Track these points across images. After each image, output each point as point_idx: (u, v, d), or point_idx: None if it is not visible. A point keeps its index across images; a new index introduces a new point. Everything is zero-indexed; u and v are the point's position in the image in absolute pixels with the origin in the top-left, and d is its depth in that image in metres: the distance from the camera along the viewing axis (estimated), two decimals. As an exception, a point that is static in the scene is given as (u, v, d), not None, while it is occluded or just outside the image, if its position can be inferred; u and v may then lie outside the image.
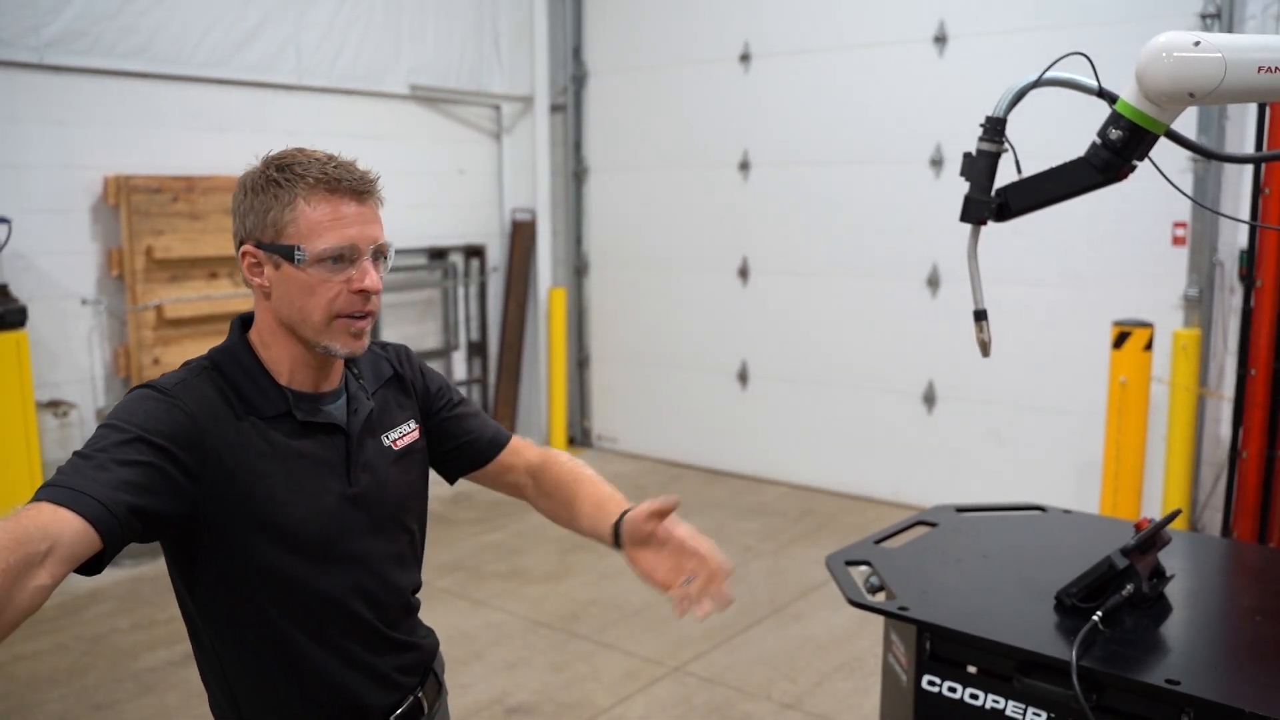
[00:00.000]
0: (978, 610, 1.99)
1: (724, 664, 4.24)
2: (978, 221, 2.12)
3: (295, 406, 1.60)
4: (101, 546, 1.31)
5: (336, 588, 1.62)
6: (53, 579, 1.24)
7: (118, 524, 1.32)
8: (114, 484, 1.34)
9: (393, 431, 1.74)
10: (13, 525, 1.22)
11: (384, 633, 1.70)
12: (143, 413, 1.45)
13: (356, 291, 1.55)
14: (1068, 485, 5.65)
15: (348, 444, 1.65)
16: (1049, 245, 5.54)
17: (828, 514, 6.20)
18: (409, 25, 6.87)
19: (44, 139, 5.19)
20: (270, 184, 1.55)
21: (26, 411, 4.75)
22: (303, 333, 1.57)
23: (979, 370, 5.92)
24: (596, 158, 7.62)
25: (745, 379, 7.03)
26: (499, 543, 5.68)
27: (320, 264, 1.53)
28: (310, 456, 1.60)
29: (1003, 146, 2.10)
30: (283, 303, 1.57)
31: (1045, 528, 2.51)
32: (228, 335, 1.65)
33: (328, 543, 1.60)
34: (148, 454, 1.40)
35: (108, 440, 1.40)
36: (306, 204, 1.53)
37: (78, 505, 1.29)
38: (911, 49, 6.06)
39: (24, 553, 1.20)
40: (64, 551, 1.26)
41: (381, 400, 1.75)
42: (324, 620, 1.62)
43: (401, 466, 1.74)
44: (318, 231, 1.52)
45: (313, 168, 1.54)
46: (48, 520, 1.26)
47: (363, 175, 1.57)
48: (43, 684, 4.08)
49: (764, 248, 6.82)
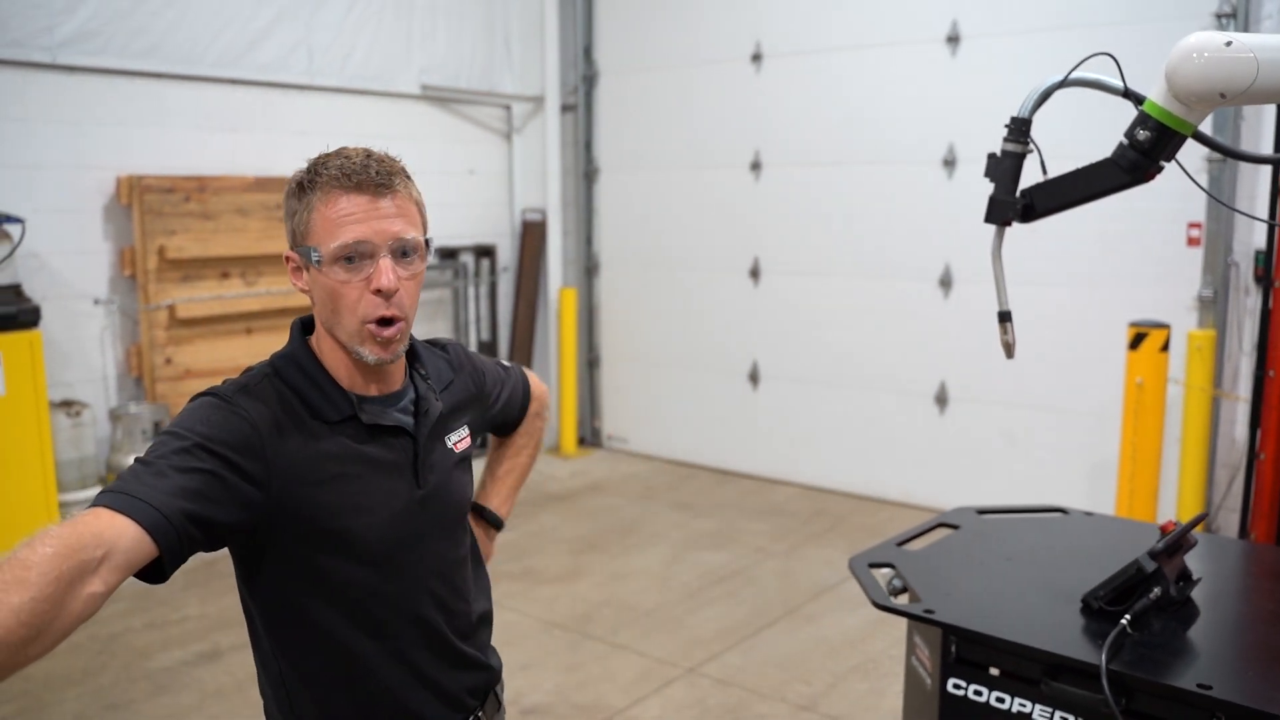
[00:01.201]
0: (1003, 613, 1.98)
1: (738, 665, 4.23)
2: (1002, 223, 2.11)
3: (360, 410, 1.57)
4: (158, 554, 1.30)
5: (407, 592, 1.60)
6: (106, 586, 1.22)
7: (174, 532, 1.31)
8: (172, 491, 1.33)
9: (453, 435, 1.73)
10: (68, 531, 1.21)
11: (455, 644, 1.67)
12: (203, 420, 1.43)
13: (374, 292, 1.49)
14: (1081, 486, 5.63)
15: (415, 446, 1.62)
16: (1062, 245, 5.52)
17: (839, 515, 6.18)
18: (420, 25, 6.87)
19: (57, 139, 5.20)
20: (299, 186, 1.53)
21: (40, 411, 4.76)
22: (339, 337, 1.55)
23: (992, 371, 5.91)
24: (607, 158, 7.62)
25: (756, 379, 7.01)
26: (510, 543, 5.67)
27: (336, 264, 1.48)
28: (377, 461, 1.57)
29: (1028, 147, 2.09)
30: (319, 306, 1.55)
31: (1067, 530, 2.50)
32: (288, 339, 1.62)
33: (396, 546, 1.58)
34: (207, 461, 1.38)
35: (168, 447, 1.39)
36: (322, 204, 1.49)
37: (134, 512, 1.28)
38: (924, 49, 6.04)
39: (78, 560, 1.19)
40: (119, 559, 1.24)
41: (445, 401, 1.73)
42: (393, 628, 1.59)
43: (460, 469, 1.73)
44: (330, 230, 1.48)
45: (332, 166, 1.50)
46: (103, 527, 1.24)
47: (379, 168, 1.51)
48: (58, 683, 4.08)
49: (775, 248, 6.81)
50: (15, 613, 1.11)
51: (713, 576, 5.19)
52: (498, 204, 7.64)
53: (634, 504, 6.45)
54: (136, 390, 5.57)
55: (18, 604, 1.12)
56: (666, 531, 5.89)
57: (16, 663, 1.13)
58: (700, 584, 5.10)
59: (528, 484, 4.72)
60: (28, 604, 1.12)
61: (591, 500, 6.54)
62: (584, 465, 7.36)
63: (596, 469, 7.28)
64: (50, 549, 1.17)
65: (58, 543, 1.18)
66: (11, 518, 4.57)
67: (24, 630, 1.12)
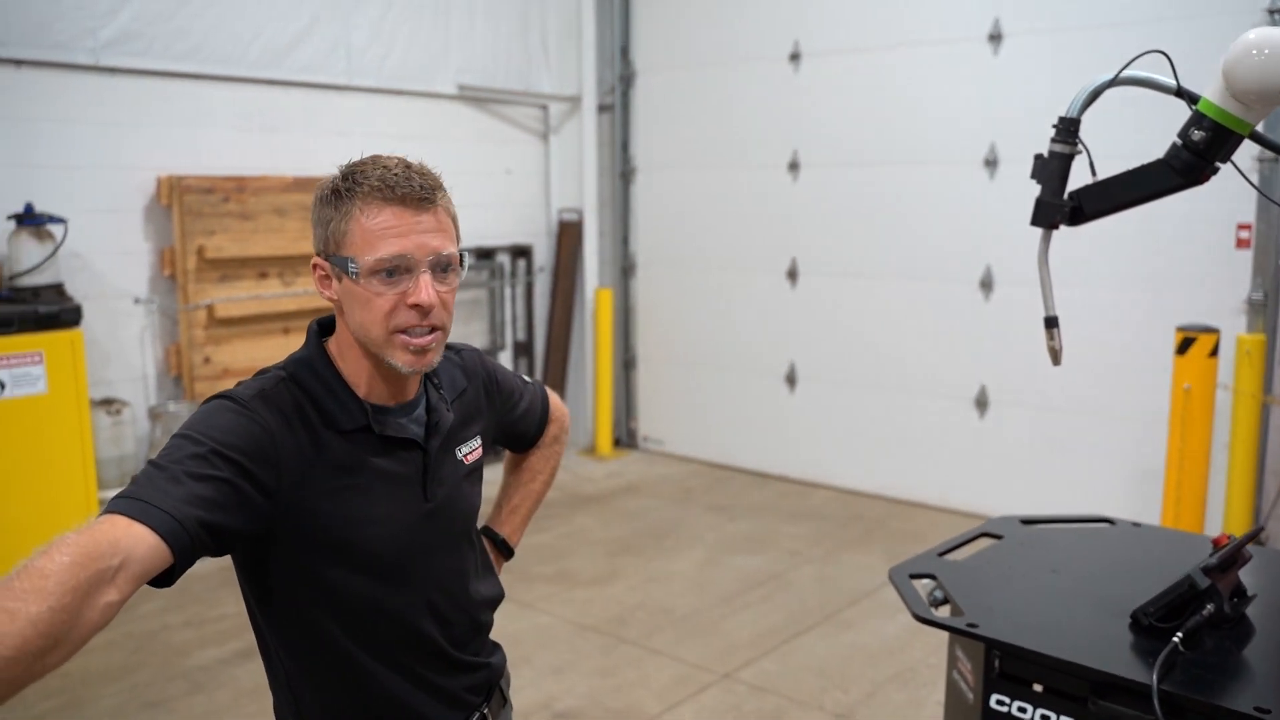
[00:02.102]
0: (1049, 627, 1.92)
1: (774, 672, 4.18)
2: (1049, 226, 2.05)
3: (374, 420, 1.55)
4: (173, 561, 1.29)
5: (408, 607, 1.59)
6: (122, 595, 1.21)
7: (189, 539, 1.30)
8: (187, 498, 1.31)
9: (464, 446, 1.71)
10: (86, 539, 1.19)
11: (451, 654, 1.67)
12: (218, 425, 1.42)
13: (411, 306, 1.48)
14: (1125, 494, 5.52)
15: (425, 458, 1.61)
16: (1107, 247, 5.41)
17: (876, 519, 6.11)
18: (457, 25, 6.88)
19: (100, 140, 5.25)
20: (335, 194, 1.50)
21: (81, 409, 4.80)
22: (368, 347, 1.53)
23: (1033, 374, 5.82)
24: (644, 157, 7.59)
25: (793, 381, 6.95)
26: (546, 544, 5.66)
27: (373, 276, 1.47)
28: (387, 472, 1.56)
29: (1076, 148, 2.03)
30: (349, 315, 1.53)
31: (1114, 541, 2.43)
32: (304, 343, 1.61)
33: (401, 561, 1.57)
34: (222, 468, 1.37)
35: (182, 452, 1.37)
36: (362, 213, 1.47)
37: (150, 519, 1.26)
38: (966, 47, 5.95)
39: (95, 569, 1.17)
40: (135, 568, 1.23)
41: (458, 411, 1.71)
42: (391, 640, 1.59)
43: (470, 481, 1.72)
44: (370, 242, 1.47)
45: (372, 176, 1.48)
46: (120, 534, 1.23)
47: (423, 182, 1.50)
48: (96, 680, 4.11)
49: (813, 249, 6.75)
50: (33, 623, 1.10)
51: (749, 580, 5.14)
52: (534, 204, 7.63)
53: (670, 506, 6.42)
54: (175, 389, 5.61)
55: (35, 614, 1.10)
56: (702, 534, 5.85)
57: (34, 673, 1.11)
58: (736, 588, 5.05)
59: (563, 484, 4.62)
60: (45, 614, 1.11)
61: (627, 502, 6.51)
62: (619, 466, 7.34)
63: (632, 470, 7.25)
64: (67, 558, 1.15)
65: (75, 551, 1.17)
66: (52, 515, 4.61)
67: (41, 641, 1.10)
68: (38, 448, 4.66)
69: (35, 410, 4.64)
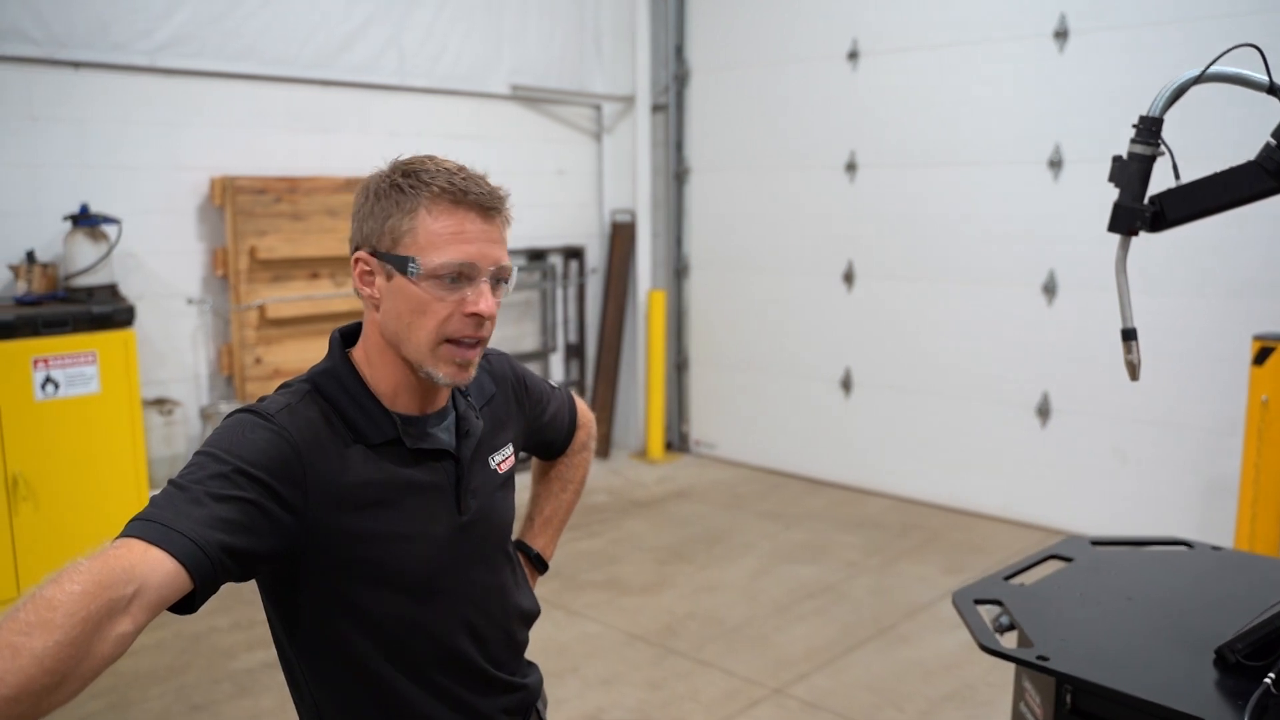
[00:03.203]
0: (1126, 662, 1.80)
1: (827, 687, 4.06)
2: (1128, 232, 1.93)
3: (404, 432, 1.48)
4: (193, 588, 1.21)
5: (441, 624, 1.52)
6: (136, 626, 1.13)
7: (210, 565, 1.22)
8: (209, 521, 1.24)
9: (497, 454, 1.64)
10: (98, 566, 1.12)
11: (489, 672, 1.59)
12: (243, 442, 1.35)
13: (469, 315, 1.43)
14: (1195, 509, 5.32)
15: (458, 469, 1.54)
16: (1177, 250, 5.21)
17: (933, 529, 5.95)
18: (510, 25, 6.83)
19: (154, 141, 5.27)
20: (394, 189, 1.43)
21: (133, 409, 4.81)
22: (406, 353, 1.46)
23: (1098, 382, 5.63)
24: (698, 158, 7.48)
25: (849, 386, 6.81)
26: (596, 550, 5.58)
27: (435, 280, 1.41)
28: (419, 486, 1.49)
29: (1158, 149, 1.91)
30: (390, 317, 1.45)
31: (1194, 566, 2.29)
32: (327, 353, 1.53)
33: (434, 577, 1.50)
34: (247, 488, 1.30)
35: (205, 471, 1.30)
36: (428, 214, 1.41)
37: (169, 544, 1.19)
38: (1030, 45, 5.77)
39: (107, 598, 1.10)
40: (151, 596, 1.15)
41: (488, 419, 1.64)
42: (427, 659, 1.51)
43: (504, 491, 1.65)
44: (436, 244, 1.41)
45: (440, 176, 1.42)
46: (135, 560, 1.16)
47: (492, 190, 1.45)
48: (144, 680, 4.11)
49: (870, 251, 6.60)
50: (39, 659, 1.02)
51: (802, 591, 5.02)
52: (587, 205, 7.56)
53: (721, 512, 6.31)
54: (227, 389, 5.62)
55: (41, 649, 1.03)
56: (755, 542, 5.74)
57: (38, 711, 1.04)
58: (789, 599, 4.93)
59: (614, 488, 4.48)
60: (52, 648, 1.04)
61: (678, 507, 6.41)
62: (671, 471, 7.24)
63: (684, 475, 7.15)
64: (78, 587, 1.08)
65: (86, 579, 1.09)
66: (103, 515, 4.63)
67: (47, 678, 1.03)
68: (90, 448, 4.68)
69: (88, 410, 4.66)
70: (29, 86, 4.87)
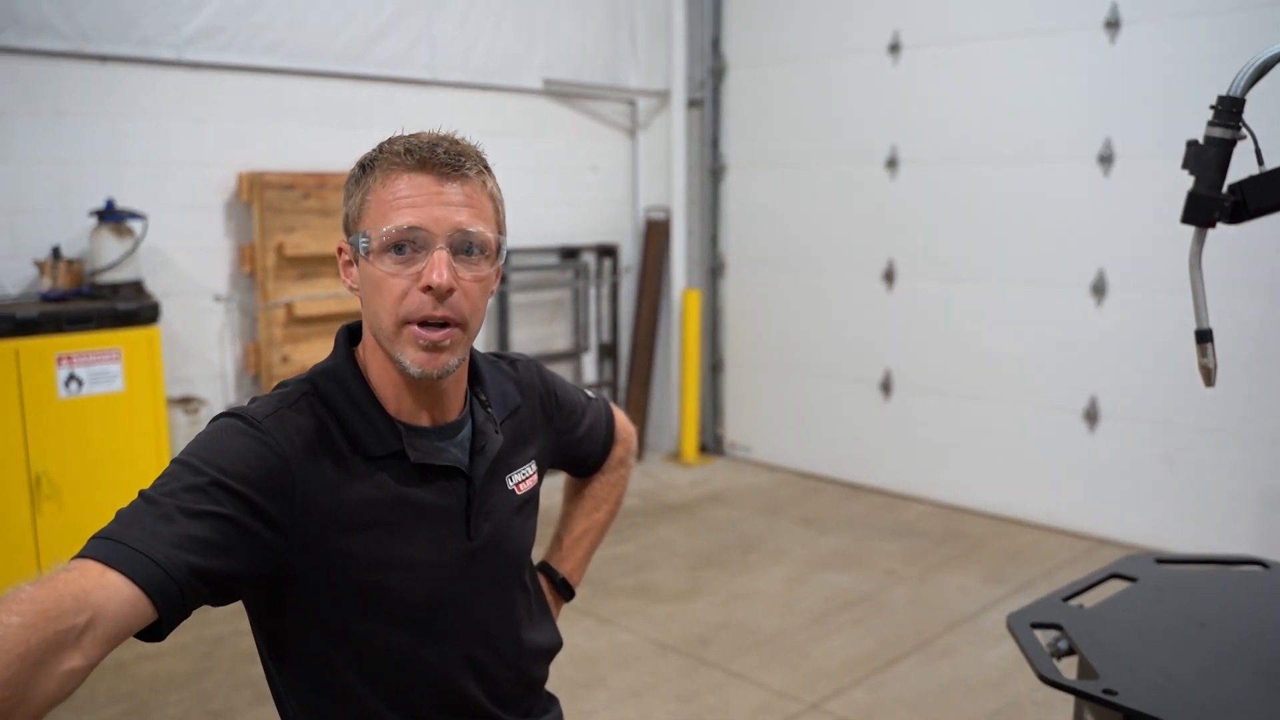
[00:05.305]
0: (1203, 699, 1.63)
1: (865, 703, 3.90)
2: (1204, 224, 1.76)
3: (409, 445, 1.32)
4: (157, 617, 1.07)
5: (443, 661, 1.36)
6: (89, 660, 0.99)
7: (177, 590, 1.08)
8: (177, 540, 1.10)
9: (516, 473, 1.47)
10: (44, 594, 0.97)
11: (495, 715, 1.43)
12: (223, 450, 1.20)
13: (425, 290, 1.26)
14: (1254, 520, 5.09)
15: (469, 490, 1.37)
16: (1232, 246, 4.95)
17: (976, 537, 5.76)
18: (543, 19, 6.71)
19: (182, 136, 5.19)
20: (360, 168, 1.31)
21: (157, 407, 4.74)
22: (381, 343, 1.31)
23: (1150, 386, 5.41)
24: (735, 154, 7.32)
25: (888, 389, 6.63)
26: (628, 555, 5.45)
27: (385, 254, 1.26)
28: (423, 506, 1.33)
29: (1239, 132, 1.74)
30: (363, 305, 1.32)
31: (1269, 588, 2.11)
32: (332, 350, 1.39)
33: (437, 609, 1.34)
34: (224, 503, 1.15)
35: (179, 483, 1.16)
36: (381, 185, 1.28)
37: (129, 567, 1.05)
38: (1078, 36, 5.57)
39: (51, 630, 0.96)
40: (107, 627, 1.01)
41: (509, 434, 1.47)
42: (424, 700, 1.36)
43: (522, 515, 1.48)
44: (383, 212, 1.27)
45: (397, 143, 1.28)
46: (90, 586, 1.01)
47: (449, 148, 1.29)
48: (163, 685, 4.02)
49: (911, 250, 6.41)
50: None
51: (839, 600, 4.86)
52: (620, 202, 7.42)
53: (756, 517, 6.15)
54: (253, 387, 5.54)
55: None
56: (790, 549, 5.57)
57: None
58: (825, 608, 4.77)
59: (646, 491, 4.31)
60: None
61: (712, 512, 6.26)
62: (705, 474, 7.09)
63: (718, 478, 6.99)
64: (17, 619, 0.94)
65: (29, 609, 0.95)
66: (126, 515, 4.56)
67: None
68: (114, 446, 4.61)
69: (112, 408, 4.59)
70: (56, 81, 4.80)
